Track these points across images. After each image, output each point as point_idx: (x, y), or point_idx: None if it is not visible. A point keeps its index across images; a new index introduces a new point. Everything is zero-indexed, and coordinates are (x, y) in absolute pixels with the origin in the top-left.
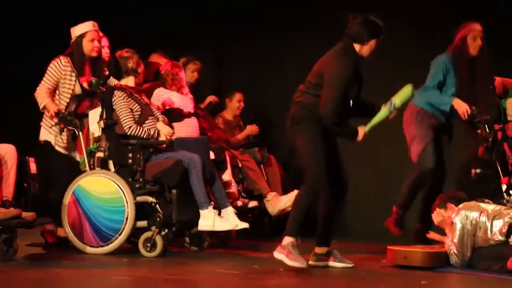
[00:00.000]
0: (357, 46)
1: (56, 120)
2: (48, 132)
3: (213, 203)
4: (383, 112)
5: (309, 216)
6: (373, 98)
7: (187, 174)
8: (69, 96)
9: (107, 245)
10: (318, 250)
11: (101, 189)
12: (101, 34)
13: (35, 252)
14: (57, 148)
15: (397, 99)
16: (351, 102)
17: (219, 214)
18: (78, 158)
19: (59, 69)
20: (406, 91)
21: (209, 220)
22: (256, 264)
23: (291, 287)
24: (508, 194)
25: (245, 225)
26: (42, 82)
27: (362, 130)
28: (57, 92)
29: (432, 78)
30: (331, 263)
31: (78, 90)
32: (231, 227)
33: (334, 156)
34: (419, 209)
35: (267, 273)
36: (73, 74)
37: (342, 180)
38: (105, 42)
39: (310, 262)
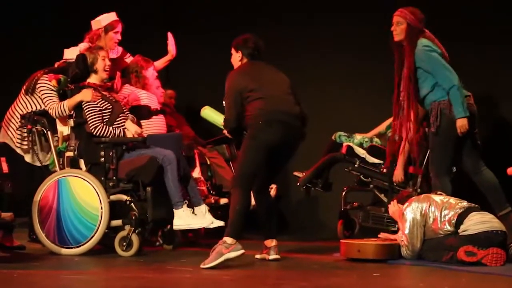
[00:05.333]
0: None
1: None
2: (7, 135)
3: (187, 201)
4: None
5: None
6: None
7: (161, 171)
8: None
9: (79, 246)
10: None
11: (83, 196)
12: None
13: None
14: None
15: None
16: None
17: (193, 212)
18: (27, 159)
19: None
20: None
21: (185, 219)
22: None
23: (243, 280)
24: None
25: (220, 223)
26: None
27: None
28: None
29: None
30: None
31: None
32: (206, 224)
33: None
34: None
35: (223, 268)
36: None
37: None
38: (119, 50)
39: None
